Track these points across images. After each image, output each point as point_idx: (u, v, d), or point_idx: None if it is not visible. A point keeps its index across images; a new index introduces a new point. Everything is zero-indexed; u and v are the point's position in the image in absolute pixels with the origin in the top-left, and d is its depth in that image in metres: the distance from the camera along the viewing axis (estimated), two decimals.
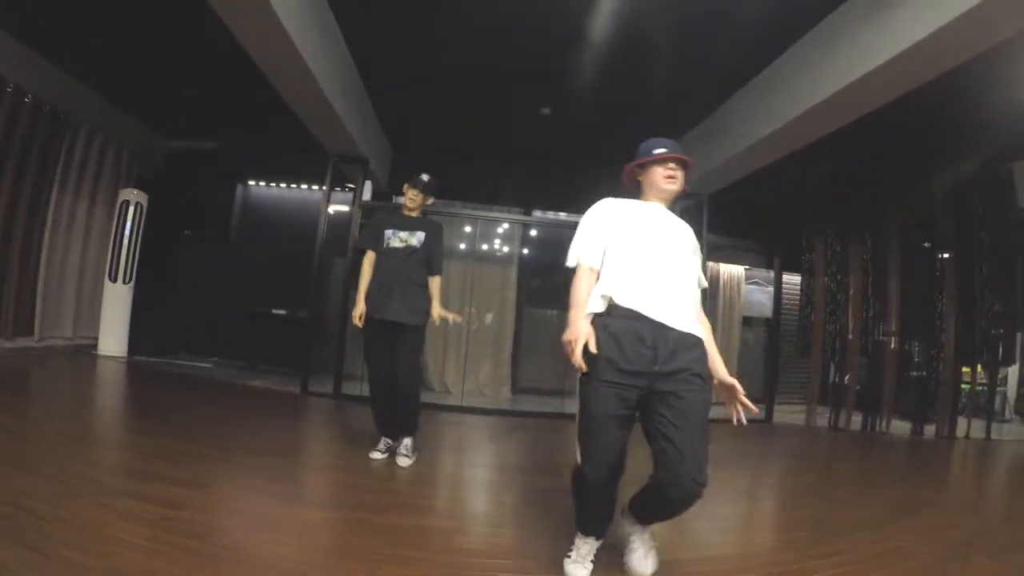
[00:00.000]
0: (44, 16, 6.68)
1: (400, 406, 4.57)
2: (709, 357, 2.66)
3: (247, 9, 4.56)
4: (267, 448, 4.57)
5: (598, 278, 2.73)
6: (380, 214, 4.85)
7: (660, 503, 2.61)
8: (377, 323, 4.47)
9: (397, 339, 4.47)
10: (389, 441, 4.68)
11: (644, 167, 2.94)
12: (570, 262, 2.86)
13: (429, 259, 4.64)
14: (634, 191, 3.04)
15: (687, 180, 2.92)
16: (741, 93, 6.98)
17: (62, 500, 2.94)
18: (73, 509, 2.85)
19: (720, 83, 7.01)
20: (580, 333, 2.50)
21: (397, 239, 4.59)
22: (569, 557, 2.75)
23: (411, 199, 4.68)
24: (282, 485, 3.84)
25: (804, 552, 3.36)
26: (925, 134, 7.20)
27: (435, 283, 4.67)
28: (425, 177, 4.72)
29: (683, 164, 2.91)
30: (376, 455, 4.58)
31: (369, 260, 4.67)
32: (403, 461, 4.50)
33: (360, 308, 4.50)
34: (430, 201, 4.82)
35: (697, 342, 2.60)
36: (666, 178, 2.86)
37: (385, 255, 4.59)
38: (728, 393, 2.67)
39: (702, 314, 2.80)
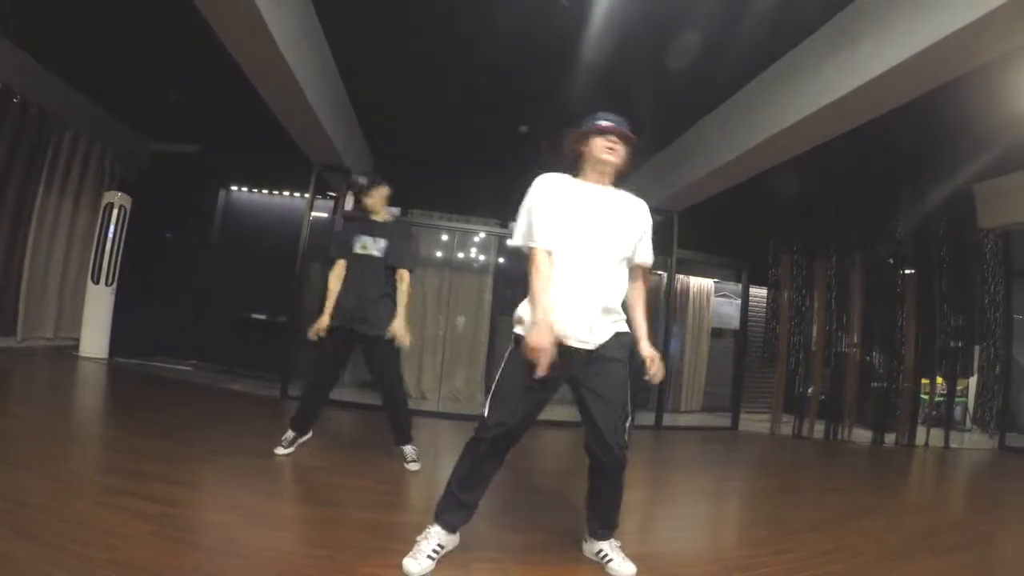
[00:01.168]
0: (33, 16, 6.74)
1: (397, 414, 4.76)
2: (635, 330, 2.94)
3: (239, 20, 4.68)
4: (253, 449, 4.70)
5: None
6: (355, 223, 4.78)
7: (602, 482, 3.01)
8: (347, 332, 4.57)
9: (379, 351, 4.59)
10: (292, 436, 4.72)
11: (586, 136, 2.93)
12: (516, 242, 2.96)
13: (394, 259, 4.62)
14: (573, 164, 3.04)
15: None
16: (709, 118, 7.20)
17: (62, 497, 3.07)
18: (74, 506, 2.98)
19: (690, 107, 7.23)
20: (545, 342, 2.62)
21: (359, 244, 4.59)
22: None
23: (366, 203, 4.68)
24: (270, 484, 4.03)
25: (758, 549, 3.62)
26: (889, 155, 7.49)
27: (402, 282, 4.63)
28: (361, 179, 4.73)
29: (626, 139, 2.93)
30: (281, 451, 4.64)
31: (337, 274, 4.66)
32: (414, 467, 4.65)
33: (324, 321, 4.54)
34: (384, 190, 4.74)
35: (614, 339, 2.91)
36: (606, 148, 2.88)
37: (352, 261, 4.60)
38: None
39: (639, 290, 3.04)
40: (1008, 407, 9.18)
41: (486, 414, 2.84)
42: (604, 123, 2.90)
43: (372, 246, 4.58)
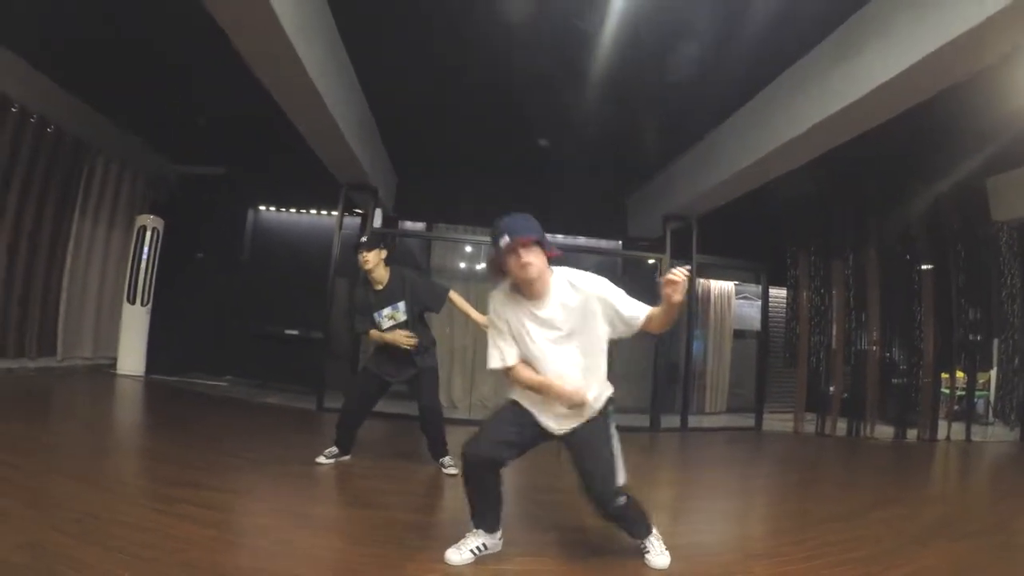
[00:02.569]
0: (64, 48, 7.03)
1: (431, 434, 4.95)
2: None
3: (273, 54, 4.92)
4: (295, 459, 4.92)
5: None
6: (360, 292, 4.92)
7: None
8: (377, 376, 4.86)
9: (422, 382, 4.84)
10: (335, 452, 4.95)
11: (501, 259, 2.90)
12: (494, 365, 3.05)
13: (424, 307, 4.86)
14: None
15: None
16: (724, 126, 7.36)
17: (122, 507, 3.26)
18: (135, 514, 3.17)
19: (706, 116, 7.40)
20: (566, 389, 2.88)
21: (385, 319, 4.76)
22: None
23: (365, 264, 4.72)
24: (316, 490, 4.26)
25: (780, 538, 3.82)
26: (903, 153, 7.59)
27: (456, 304, 4.91)
28: (363, 239, 4.84)
29: (535, 244, 2.86)
30: (322, 459, 4.86)
31: (371, 333, 4.83)
32: (452, 470, 4.81)
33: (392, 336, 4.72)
34: (384, 253, 4.81)
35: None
36: (520, 267, 2.82)
37: (385, 332, 4.77)
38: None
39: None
40: None
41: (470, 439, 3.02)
42: (506, 243, 2.82)
43: (397, 314, 4.77)
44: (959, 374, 9.43)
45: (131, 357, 9.00)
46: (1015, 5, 3.68)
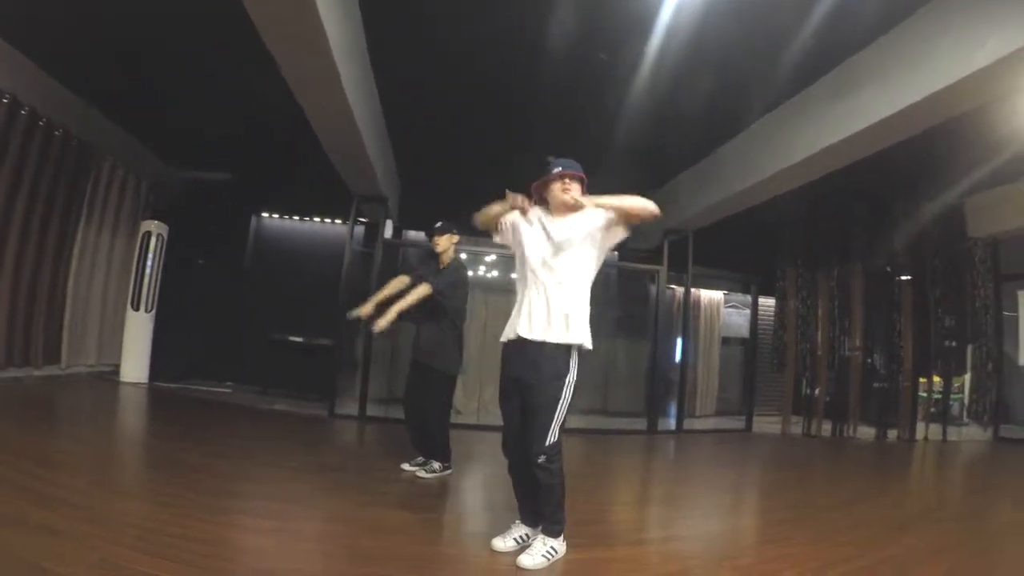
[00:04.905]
0: (72, 51, 7.04)
1: (424, 433, 5.12)
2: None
3: (319, 78, 5.13)
4: (331, 465, 5.13)
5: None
6: (425, 261, 5.26)
7: None
8: (412, 360, 5.14)
9: (423, 379, 5.03)
10: (420, 458, 5.14)
11: (547, 184, 3.46)
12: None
13: (439, 290, 4.95)
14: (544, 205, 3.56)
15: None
16: (725, 148, 7.75)
17: (178, 519, 3.25)
18: (193, 527, 3.16)
19: (706, 137, 7.75)
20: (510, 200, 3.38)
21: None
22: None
23: (436, 247, 5.07)
24: (361, 496, 4.30)
25: (785, 526, 4.32)
26: (888, 172, 7.93)
27: (417, 290, 4.82)
28: (437, 224, 5.10)
29: (577, 179, 3.41)
30: (405, 466, 5.12)
31: (399, 281, 5.03)
32: (420, 473, 5.01)
33: (366, 309, 4.80)
34: (456, 239, 5.11)
35: (552, 347, 3.25)
36: (563, 190, 3.36)
37: (422, 302, 4.93)
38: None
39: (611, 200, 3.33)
40: (1001, 401, 9.74)
41: (558, 438, 3.21)
42: (557, 170, 3.41)
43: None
44: (936, 378, 9.99)
45: (134, 364, 8.97)
46: (998, 63, 4.13)
